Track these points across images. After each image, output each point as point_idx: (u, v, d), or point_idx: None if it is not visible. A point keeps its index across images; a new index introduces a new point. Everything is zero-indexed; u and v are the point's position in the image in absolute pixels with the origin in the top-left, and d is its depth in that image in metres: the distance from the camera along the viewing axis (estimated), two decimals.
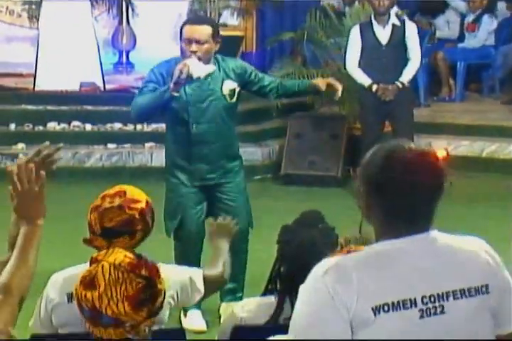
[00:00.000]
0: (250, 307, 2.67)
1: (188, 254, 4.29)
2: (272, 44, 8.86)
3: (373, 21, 6.67)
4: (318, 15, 7.76)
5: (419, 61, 6.70)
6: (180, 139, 4.35)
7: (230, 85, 4.31)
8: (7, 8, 9.48)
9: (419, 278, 1.84)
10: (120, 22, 9.32)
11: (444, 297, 1.83)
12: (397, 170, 1.84)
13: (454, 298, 1.84)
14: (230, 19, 9.92)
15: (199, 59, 4.12)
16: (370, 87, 6.60)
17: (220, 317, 4.30)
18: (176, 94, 4.10)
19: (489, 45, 9.21)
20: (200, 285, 2.82)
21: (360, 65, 6.69)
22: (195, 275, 2.84)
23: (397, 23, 6.68)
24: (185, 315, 4.41)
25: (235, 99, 4.39)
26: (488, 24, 9.11)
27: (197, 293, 2.84)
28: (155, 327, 2.14)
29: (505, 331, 1.94)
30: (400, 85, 6.57)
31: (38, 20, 8.44)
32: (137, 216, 2.68)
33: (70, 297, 2.63)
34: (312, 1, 8.99)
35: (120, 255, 2.02)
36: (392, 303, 1.79)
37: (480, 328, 1.88)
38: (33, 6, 8.93)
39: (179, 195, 4.36)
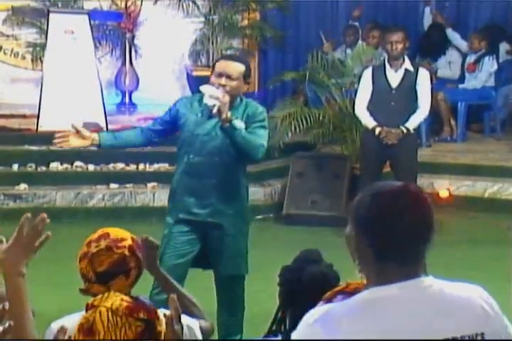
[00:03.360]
0: None
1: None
2: (273, 84, 8.93)
3: (386, 64, 6.72)
4: (319, 56, 7.83)
5: (427, 109, 6.70)
6: (180, 169, 4.29)
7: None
8: (12, 50, 9.59)
9: (411, 326, 1.79)
10: (123, 63, 9.42)
11: None
12: (382, 208, 1.83)
13: None
14: None
15: (228, 94, 4.07)
16: (373, 129, 6.62)
17: None
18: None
19: (489, 86, 9.27)
20: (199, 334, 2.75)
21: (368, 107, 6.72)
22: (193, 324, 2.78)
23: (411, 68, 6.70)
24: None
25: None
26: (489, 65, 9.18)
27: None
28: None
29: None
30: (405, 130, 6.57)
31: (41, 62, 8.52)
32: (127, 253, 2.66)
33: None
34: (314, 42, 9.08)
35: (117, 299, 2.00)
36: None
37: None
38: (37, 48, 9.02)
39: (167, 230, 4.24)
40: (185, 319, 2.80)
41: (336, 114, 7.73)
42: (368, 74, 6.79)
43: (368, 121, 6.70)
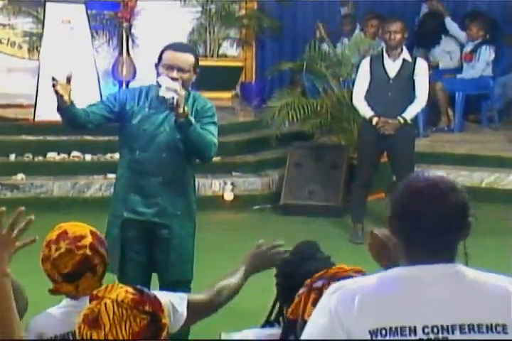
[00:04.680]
0: (250, 338, 2.65)
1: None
2: (271, 74, 8.91)
3: (384, 54, 6.70)
4: (317, 46, 7.82)
5: (425, 100, 6.68)
6: (124, 165, 4.06)
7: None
8: (8, 39, 9.56)
9: (426, 307, 1.82)
10: (120, 53, 9.38)
11: (450, 330, 1.81)
12: (415, 195, 1.89)
13: (461, 332, 1.81)
14: (229, 50, 9.99)
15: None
16: (370, 119, 6.61)
17: None
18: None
19: (487, 75, 9.26)
20: (182, 310, 2.67)
21: (366, 97, 6.70)
22: (176, 299, 2.71)
23: (409, 58, 6.69)
24: None
25: None
26: (487, 55, 9.17)
27: (181, 318, 2.68)
28: None
29: None
30: (402, 120, 6.56)
31: (38, 51, 8.49)
32: (89, 252, 2.65)
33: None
34: (311, 32, 9.05)
35: (122, 291, 2.00)
36: (390, 328, 1.79)
37: None
38: (34, 38, 9.00)
39: (116, 230, 3.99)
40: (167, 294, 2.75)
41: (334, 104, 7.72)
42: (365, 64, 6.77)
43: (365, 111, 6.69)
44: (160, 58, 4.08)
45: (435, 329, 1.80)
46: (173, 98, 3.79)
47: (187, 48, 4.28)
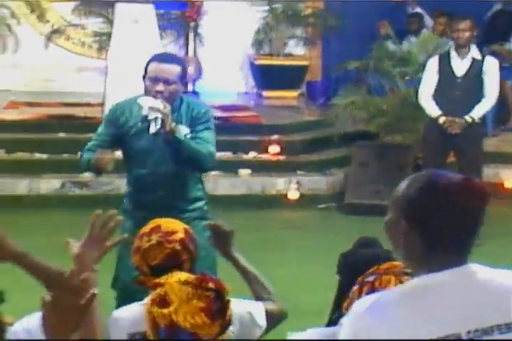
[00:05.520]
0: (314, 338, 2.65)
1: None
2: (336, 72, 8.89)
3: (452, 53, 6.62)
4: (383, 44, 7.77)
5: (494, 99, 6.59)
6: (130, 181, 3.96)
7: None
8: (79, 39, 9.76)
9: (463, 312, 1.80)
10: (187, 52, 9.49)
11: (489, 331, 1.79)
12: (438, 199, 1.83)
13: (500, 333, 1.80)
14: (295, 49, 10.00)
15: (165, 99, 3.74)
16: (437, 118, 6.54)
17: None
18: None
19: None
20: (262, 321, 2.73)
21: (433, 96, 6.63)
22: (255, 309, 2.77)
23: (478, 57, 6.61)
24: None
25: None
26: None
27: (258, 329, 2.74)
28: None
29: None
30: (469, 120, 6.47)
31: (107, 51, 8.64)
32: (178, 247, 2.69)
33: (131, 337, 2.60)
34: (377, 30, 9.00)
35: (183, 274, 2.09)
36: (437, 340, 1.77)
37: None
38: (103, 37, 9.16)
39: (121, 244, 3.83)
40: (246, 304, 2.82)
41: (399, 103, 7.66)
42: (433, 63, 6.71)
43: (432, 110, 6.62)
44: (145, 70, 3.91)
45: (477, 333, 1.78)
46: (156, 118, 3.68)
47: (172, 59, 4.04)
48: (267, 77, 9.61)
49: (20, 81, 9.68)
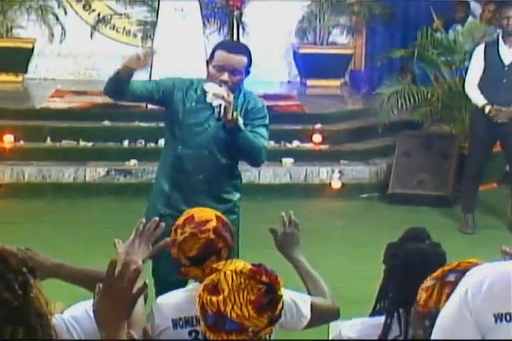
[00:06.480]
0: (358, 328, 2.65)
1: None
2: (381, 61, 8.82)
3: (500, 40, 6.54)
4: (429, 33, 7.68)
5: None
6: (167, 159, 3.92)
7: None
8: (124, 28, 9.82)
9: None
10: (231, 40, 9.47)
11: None
12: None
13: None
14: (339, 37, 9.94)
15: (229, 89, 3.74)
16: (483, 107, 6.47)
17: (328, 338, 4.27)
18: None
19: None
20: (306, 311, 2.74)
21: (479, 85, 6.56)
22: (299, 299, 2.75)
23: None
24: None
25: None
26: None
27: (303, 318, 2.75)
28: None
29: None
30: None
31: (152, 39, 8.68)
32: (212, 236, 2.70)
33: (175, 323, 2.64)
34: (423, 19, 8.90)
35: (240, 263, 2.09)
36: None
37: None
38: (148, 26, 9.20)
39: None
40: (289, 292, 2.82)
41: (445, 92, 7.59)
42: (480, 51, 6.62)
43: (478, 99, 6.55)
44: (212, 57, 3.87)
45: None
46: (220, 105, 3.70)
47: (241, 49, 3.96)
48: (311, 65, 9.57)
49: (66, 70, 9.79)
